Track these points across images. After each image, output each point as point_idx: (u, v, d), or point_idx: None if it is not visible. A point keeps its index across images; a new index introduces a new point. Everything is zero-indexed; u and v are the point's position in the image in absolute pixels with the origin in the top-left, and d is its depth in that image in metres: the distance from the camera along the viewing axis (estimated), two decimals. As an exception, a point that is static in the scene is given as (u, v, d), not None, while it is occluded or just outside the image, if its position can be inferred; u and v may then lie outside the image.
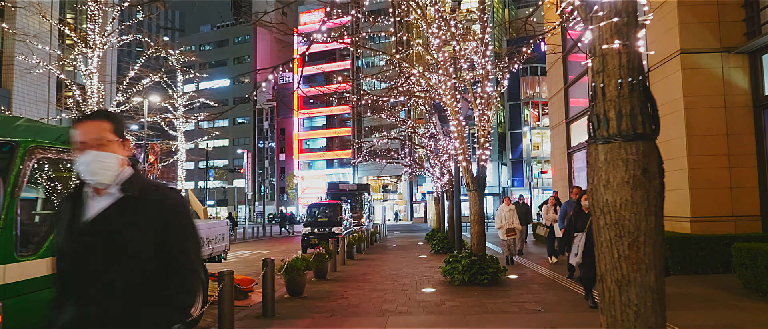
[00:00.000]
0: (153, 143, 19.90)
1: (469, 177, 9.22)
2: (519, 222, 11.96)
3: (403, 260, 14.05)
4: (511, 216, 11.68)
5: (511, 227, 11.63)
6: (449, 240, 15.66)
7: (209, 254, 6.84)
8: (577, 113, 18.02)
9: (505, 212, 11.74)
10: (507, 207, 11.83)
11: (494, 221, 11.88)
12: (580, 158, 18.08)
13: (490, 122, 9.11)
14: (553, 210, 11.83)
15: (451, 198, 16.14)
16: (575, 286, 8.55)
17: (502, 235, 11.76)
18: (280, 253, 18.14)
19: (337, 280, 10.20)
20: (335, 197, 23.90)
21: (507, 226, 11.62)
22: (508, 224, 11.62)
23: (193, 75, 23.73)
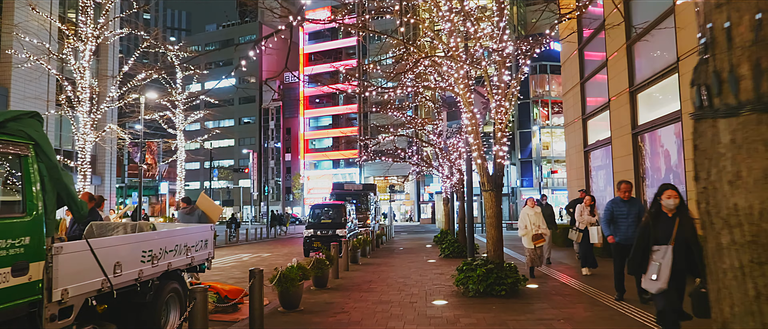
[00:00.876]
0: (150, 141, 19.05)
1: (485, 176, 8.27)
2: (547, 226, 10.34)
3: (411, 265, 13.12)
4: (537, 220, 10.05)
5: (538, 232, 9.96)
6: (460, 244, 14.71)
7: (188, 263, 5.94)
8: (595, 109, 17.01)
9: (531, 215, 10.13)
10: (532, 210, 10.21)
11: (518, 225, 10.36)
12: (598, 157, 17.07)
13: (508, 115, 8.17)
14: (589, 211, 10.18)
15: (462, 199, 15.19)
16: (607, 298, 7.59)
17: (527, 242, 10.10)
18: (281, 257, 17.27)
19: (339, 289, 9.28)
20: (340, 198, 23.00)
21: (533, 231, 9.95)
22: (535, 230, 9.98)
23: (193, 72, 22.91)
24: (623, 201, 7.33)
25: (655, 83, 12.71)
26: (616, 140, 15.02)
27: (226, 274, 12.23)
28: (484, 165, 8.30)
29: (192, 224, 7.33)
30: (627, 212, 7.20)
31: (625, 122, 14.23)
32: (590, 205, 10.18)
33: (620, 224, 7.23)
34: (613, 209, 7.38)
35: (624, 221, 7.20)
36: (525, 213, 10.16)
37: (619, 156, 14.81)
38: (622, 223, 7.21)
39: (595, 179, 17.47)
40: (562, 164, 62.86)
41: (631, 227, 7.03)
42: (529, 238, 9.93)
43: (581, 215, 10.20)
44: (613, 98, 15.08)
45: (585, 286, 8.76)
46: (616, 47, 14.82)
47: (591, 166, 17.82)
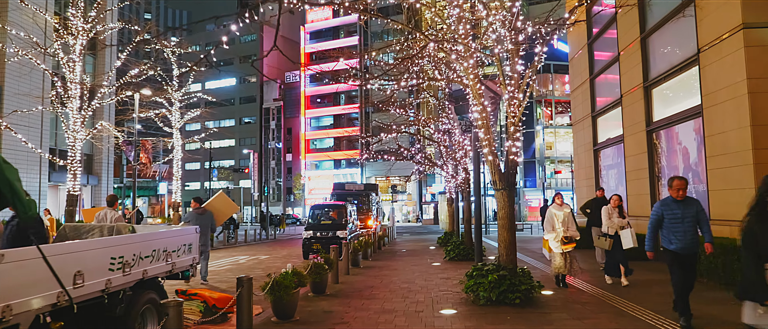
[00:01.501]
0: (144, 140, 18.43)
1: (496, 174, 7.62)
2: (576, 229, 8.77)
3: (415, 269, 12.48)
4: (567, 221, 8.63)
5: (567, 235, 8.53)
6: (466, 246, 14.06)
7: (169, 270, 5.31)
8: (605, 106, 16.35)
9: (558, 215, 8.66)
10: (560, 209, 8.75)
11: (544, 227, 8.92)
12: (609, 155, 16.41)
13: (521, 107, 7.52)
14: (618, 213, 9.02)
15: (467, 199, 14.55)
16: (632, 308, 6.94)
17: (554, 246, 8.70)
18: (279, 259, 16.64)
19: (339, 295, 8.64)
20: (341, 198, 22.37)
21: (562, 234, 8.55)
22: (563, 232, 8.56)
23: (190, 68, 22.24)
24: (676, 202, 5.97)
25: (673, 77, 12.05)
26: (628, 138, 14.37)
27: (219, 278, 11.60)
28: (496, 162, 7.66)
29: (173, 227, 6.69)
30: (681, 215, 5.89)
31: (639, 118, 13.57)
32: (618, 205, 9.04)
33: (675, 231, 5.89)
34: (664, 213, 5.99)
35: (679, 226, 5.87)
36: (552, 213, 8.69)
37: (632, 154, 14.15)
38: (677, 229, 5.88)
39: (605, 179, 16.81)
40: (565, 164, 62.19)
41: (689, 233, 5.86)
42: (558, 241, 8.57)
43: (610, 219, 8.93)
44: (626, 94, 14.42)
45: (604, 293, 8.11)
46: (628, 41, 14.16)
47: (601, 165, 17.16)
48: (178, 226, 11.49)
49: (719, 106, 9.89)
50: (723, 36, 9.66)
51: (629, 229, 8.79)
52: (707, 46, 10.26)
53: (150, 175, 58.07)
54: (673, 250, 5.89)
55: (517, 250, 16.66)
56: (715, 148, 10.03)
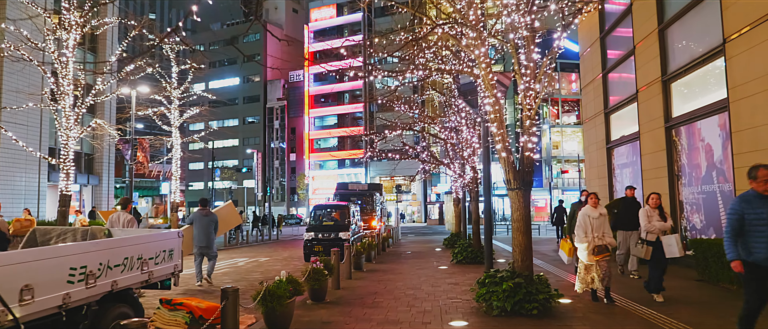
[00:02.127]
0: (141, 138, 17.87)
1: (511, 172, 6.98)
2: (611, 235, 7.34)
3: (421, 272, 11.84)
4: (601, 225, 7.17)
5: (601, 243, 7.10)
6: (474, 249, 13.41)
7: (144, 281, 4.70)
8: (619, 103, 15.67)
9: (593, 217, 7.15)
10: (594, 211, 7.20)
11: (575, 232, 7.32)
12: (623, 154, 15.72)
13: (538, 100, 6.88)
14: (658, 215, 7.62)
15: (476, 199, 13.91)
16: (660, 319, 6.29)
17: (585, 256, 7.21)
18: (280, 261, 16.04)
19: (340, 303, 8.02)
20: (344, 198, 21.75)
21: (596, 241, 7.10)
22: (597, 239, 7.11)
23: (189, 66, 21.71)
24: (761, 197, 4.52)
25: (694, 70, 11.37)
26: (645, 135, 13.69)
27: (216, 281, 10.99)
28: (510, 159, 7.01)
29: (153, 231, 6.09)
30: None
31: (657, 114, 12.89)
32: (658, 205, 7.68)
33: (758, 236, 4.47)
34: (744, 212, 4.54)
35: (763, 229, 4.45)
36: (585, 215, 7.19)
37: (649, 152, 13.47)
38: (761, 233, 4.45)
39: (619, 178, 16.13)
40: (572, 163, 61.42)
41: None
42: (591, 249, 7.13)
43: (649, 221, 7.55)
44: (642, 88, 13.74)
45: (628, 301, 7.46)
46: (645, 33, 13.48)
47: (614, 164, 16.48)
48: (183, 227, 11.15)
49: (748, 99, 9.21)
50: (754, 23, 8.98)
51: (674, 234, 7.48)
52: (734, 36, 9.58)
53: (154, 175, 57.67)
54: (754, 262, 4.51)
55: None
56: (743, 144, 9.36)
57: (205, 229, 10.43)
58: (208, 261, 10.61)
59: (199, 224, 10.46)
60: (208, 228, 10.45)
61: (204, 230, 10.43)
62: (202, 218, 10.47)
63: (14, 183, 27.19)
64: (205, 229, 10.43)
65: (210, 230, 10.49)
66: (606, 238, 7.17)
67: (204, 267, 10.54)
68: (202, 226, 10.43)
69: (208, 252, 10.45)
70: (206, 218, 10.50)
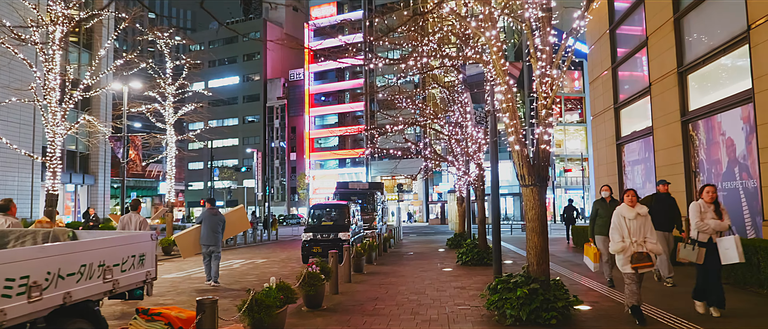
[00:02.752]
0: (133, 135, 17.25)
1: (525, 166, 6.34)
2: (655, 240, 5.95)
3: (425, 275, 11.19)
4: (641, 228, 5.85)
5: (641, 250, 5.76)
6: (480, 250, 12.76)
7: (108, 291, 4.06)
8: (631, 96, 15.01)
9: (628, 218, 5.88)
10: (630, 211, 5.92)
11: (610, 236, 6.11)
12: (634, 150, 15.07)
13: (556, 87, 6.24)
14: (713, 212, 6.15)
15: (482, 197, 13.26)
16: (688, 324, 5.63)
17: (623, 263, 5.87)
18: (277, 263, 15.41)
19: (337, 310, 7.38)
20: (344, 197, 21.09)
21: (635, 248, 5.78)
22: (637, 245, 5.79)
23: (185, 61, 21.10)
24: None
25: (714, 60, 10.71)
26: (659, 130, 13.04)
27: (203, 288, 10.36)
28: (524, 153, 6.37)
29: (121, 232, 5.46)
30: None
31: (672, 108, 12.24)
32: (714, 200, 6.22)
33: None
34: None
35: None
36: (620, 216, 5.92)
37: (663, 148, 12.81)
38: None
39: (630, 176, 15.48)
40: (575, 162, 60.72)
41: None
42: (627, 256, 5.80)
43: (702, 220, 6.13)
44: (656, 81, 13.09)
45: (654, 309, 6.81)
46: (659, 23, 12.82)
47: (625, 161, 15.82)
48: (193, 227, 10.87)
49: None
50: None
51: (733, 236, 6.03)
52: (761, 21, 8.93)
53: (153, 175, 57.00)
54: None
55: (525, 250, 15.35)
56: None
57: (213, 228, 10.51)
58: (213, 260, 10.51)
59: (208, 223, 10.53)
60: (216, 227, 10.55)
61: (212, 229, 10.50)
62: (211, 218, 10.55)
63: (6, 183, 26.58)
64: (213, 228, 10.51)
65: (217, 230, 10.57)
66: (648, 244, 5.80)
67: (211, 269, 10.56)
68: (210, 225, 10.52)
69: (214, 250, 10.46)
70: (215, 217, 10.59)
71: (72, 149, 32.58)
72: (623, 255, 5.85)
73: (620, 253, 5.88)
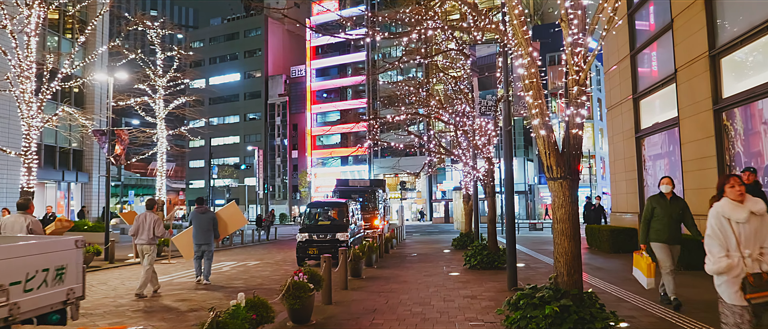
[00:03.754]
0: (119, 130, 16.21)
1: (553, 155, 5.23)
2: None
3: (430, 281, 10.09)
4: (758, 233, 3.79)
5: (757, 271, 3.69)
6: (490, 252, 11.64)
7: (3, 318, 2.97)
8: (652, 85, 13.86)
9: (737, 220, 3.81)
10: (739, 209, 3.82)
11: (706, 245, 3.93)
12: (656, 143, 13.92)
13: (590, 59, 5.13)
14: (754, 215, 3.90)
15: (492, 194, 12.13)
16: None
17: (730, 290, 3.76)
18: (270, 266, 14.34)
19: (327, 326, 6.29)
20: (345, 195, 19.99)
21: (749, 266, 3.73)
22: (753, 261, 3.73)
23: (176, 52, 20.05)
24: None
25: (754, 40, 9.55)
26: (686, 121, 11.89)
27: (182, 296, 9.30)
28: (552, 139, 5.26)
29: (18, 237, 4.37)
30: None
31: (703, 95, 11.08)
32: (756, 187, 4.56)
33: None
34: None
35: None
36: (719, 218, 3.89)
37: (691, 140, 11.66)
38: None
39: (650, 171, 14.34)
40: (584, 158, 59.45)
41: None
42: (734, 274, 3.76)
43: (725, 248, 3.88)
44: (683, 67, 11.94)
45: (699, 325, 5.70)
46: (687, 2, 11.65)
47: (645, 155, 14.68)
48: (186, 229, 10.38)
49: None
50: None
51: None
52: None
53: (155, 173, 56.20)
54: None
55: (540, 252, 14.09)
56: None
57: (203, 227, 10.41)
58: (205, 260, 10.46)
59: (197, 223, 10.47)
60: (206, 226, 10.44)
61: (202, 229, 10.41)
62: (200, 217, 10.48)
63: (-6, 180, 25.61)
64: (203, 227, 10.41)
65: (209, 228, 10.46)
66: (765, 259, 3.76)
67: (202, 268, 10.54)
68: (200, 224, 10.45)
69: (206, 249, 10.43)
70: (204, 216, 10.50)
71: (65, 146, 31.59)
72: (728, 276, 3.77)
73: (724, 274, 3.79)
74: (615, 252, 14.58)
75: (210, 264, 10.51)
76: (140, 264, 9.19)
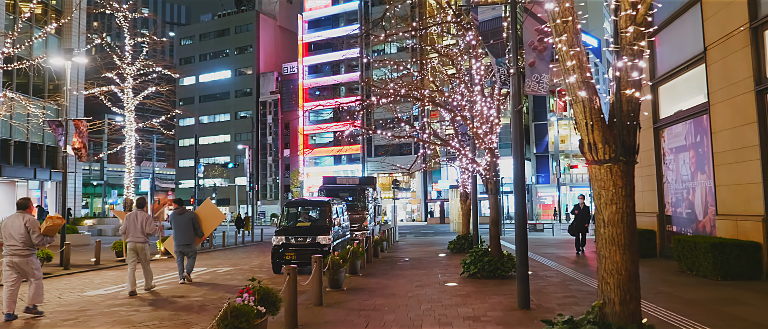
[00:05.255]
0: (77, 120, 14.51)
1: (596, 128, 3.59)
2: None
3: (422, 294, 8.43)
4: None
5: None
6: (493, 259, 9.98)
7: None
8: (675, 68, 12.23)
9: None
10: None
11: None
12: (679, 134, 12.31)
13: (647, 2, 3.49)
14: None
15: (495, 192, 10.48)
16: None
17: None
18: (245, 272, 12.66)
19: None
20: (332, 194, 18.25)
21: None
22: None
23: (148, 37, 18.36)
24: None
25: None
26: (719, 106, 10.27)
27: (128, 307, 7.60)
28: (595, 106, 3.60)
29: None
30: None
31: (742, 75, 9.46)
32: None
33: None
34: None
35: None
36: None
37: (726, 128, 10.04)
38: None
39: (671, 165, 12.72)
40: (581, 158, 58.01)
41: None
42: None
43: None
44: (714, 44, 10.33)
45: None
46: (720, -33, 10.05)
47: (665, 148, 13.06)
48: None
49: None
50: None
51: None
52: None
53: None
54: None
55: (546, 257, 12.38)
56: None
57: (183, 228, 10.45)
58: (188, 259, 10.54)
59: (176, 224, 10.53)
60: (186, 227, 10.46)
61: (182, 229, 10.45)
62: (178, 218, 10.54)
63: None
64: (183, 228, 10.45)
65: (189, 228, 10.47)
66: None
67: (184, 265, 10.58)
68: (179, 225, 10.50)
69: (187, 249, 10.48)
70: (182, 217, 10.54)
71: (38, 142, 29.81)
72: None
73: None
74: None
75: (193, 261, 10.65)
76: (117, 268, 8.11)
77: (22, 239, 6.98)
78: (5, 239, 7.03)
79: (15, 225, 6.98)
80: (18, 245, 6.97)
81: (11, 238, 6.97)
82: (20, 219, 7.00)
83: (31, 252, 7.14)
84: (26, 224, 6.97)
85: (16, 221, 7.00)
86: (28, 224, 6.97)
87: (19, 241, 6.97)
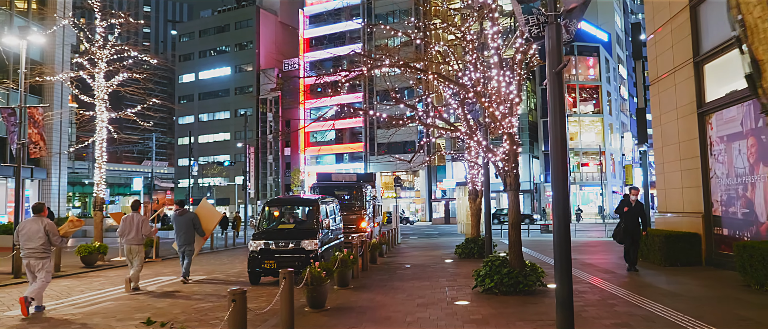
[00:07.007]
0: (32, 108, 12.69)
1: None
2: None
3: (426, 318, 6.52)
4: None
5: None
6: (513, 271, 8.04)
7: None
8: (729, 39, 10.24)
9: None
10: None
11: None
12: (734, 119, 10.36)
13: None
14: None
15: (515, 188, 8.52)
16: None
17: None
18: (220, 283, 10.79)
19: None
20: (326, 192, 16.33)
21: None
22: None
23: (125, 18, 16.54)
24: None
25: None
26: (791, 81, 8.31)
27: None
28: None
29: None
30: None
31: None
32: None
33: None
34: None
35: None
36: None
37: (803, 108, 8.08)
38: None
39: (721, 157, 10.74)
40: (591, 156, 55.96)
41: None
42: None
43: None
44: (785, 6, 8.36)
45: None
46: None
47: (713, 137, 11.07)
48: None
49: None
50: None
51: None
52: None
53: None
54: None
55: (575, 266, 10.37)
56: None
57: (183, 228, 10.47)
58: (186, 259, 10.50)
59: (177, 225, 10.60)
60: (186, 227, 10.48)
61: (183, 230, 10.46)
62: (178, 219, 10.61)
63: None
64: (183, 228, 10.47)
65: (189, 228, 10.48)
66: None
67: None
68: (179, 226, 10.54)
69: (187, 249, 10.48)
70: (182, 217, 10.57)
71: (17, 137, 27.97)
72: None
73: None
74: (670, 264, 11.08)
75: (189, 262, 10.55)
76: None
77: (41, 242, 7.39)
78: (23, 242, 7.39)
79: (34, 229, 7.39)
80: (37, 248, 7.38)
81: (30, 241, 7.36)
82: (39, 223, 7.43)
83: (48, 254, 7.51)
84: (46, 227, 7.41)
85: (34, 226, 7.40)
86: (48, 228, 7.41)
87: (38, 244, 7.38)
